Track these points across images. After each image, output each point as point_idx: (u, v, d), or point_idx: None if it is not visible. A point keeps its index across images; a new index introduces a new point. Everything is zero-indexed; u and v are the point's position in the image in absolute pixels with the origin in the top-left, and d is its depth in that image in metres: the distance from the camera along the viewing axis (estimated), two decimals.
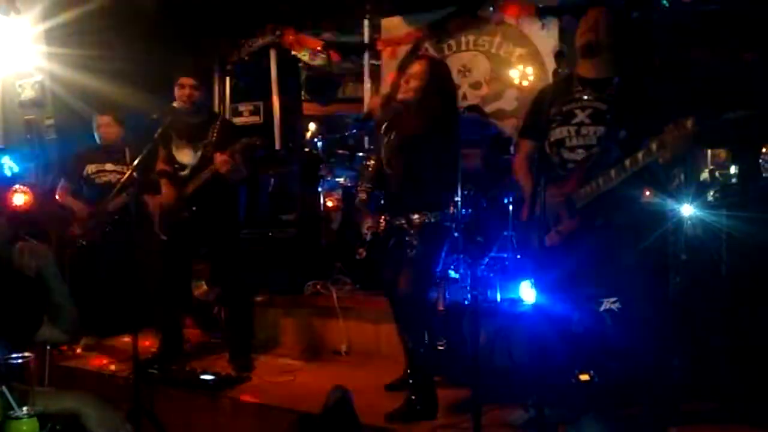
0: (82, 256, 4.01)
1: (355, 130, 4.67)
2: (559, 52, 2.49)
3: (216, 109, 5.70)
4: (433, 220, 2.76)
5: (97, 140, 4.24)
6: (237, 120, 5.72)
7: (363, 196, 3.00)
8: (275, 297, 4.15)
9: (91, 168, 4.15)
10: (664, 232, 3.45)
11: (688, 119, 2.05)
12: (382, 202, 3.00)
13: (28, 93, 4.77)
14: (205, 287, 4.27)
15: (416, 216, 2.75)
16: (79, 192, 4.17)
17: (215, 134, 3.39)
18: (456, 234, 2.87)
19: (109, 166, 4.16)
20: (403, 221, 2.78)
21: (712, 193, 3.63)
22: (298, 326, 3.98)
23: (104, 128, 4.19)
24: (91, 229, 3.99)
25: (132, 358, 2.82)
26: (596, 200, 2.33)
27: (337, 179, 4.72)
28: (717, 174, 3.85)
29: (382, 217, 2.89)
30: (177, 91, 3.36)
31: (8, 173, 4.20)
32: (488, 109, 5.10)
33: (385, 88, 2.79)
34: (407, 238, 2.75)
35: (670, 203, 3.55)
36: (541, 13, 4.88)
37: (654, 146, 2.14)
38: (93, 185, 4.13)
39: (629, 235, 2.38)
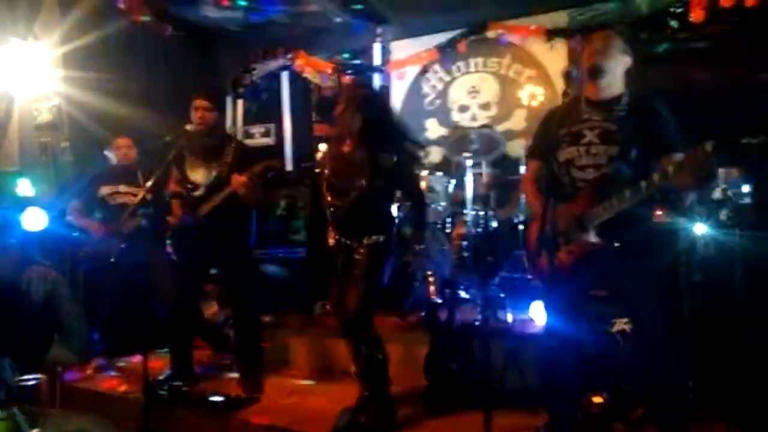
0: (95, 276, 4.04)
1: None
2: (568, 73, 2.50)
3: (229, 130, 5.77)
4: (381, 239, 2.86)
5: (112, 161, 4.29)
6: (249, 141, 5.80)
7: None
8: (285, 317, 4.14)
9: (105, 189, 4.20)
10: (676, 253, 3.43)
11: (707, 143, 2.01)
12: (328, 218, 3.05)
13: (44, 116, 4.86)
14: (215, 308, 4.28)
15: (366, 238, 2.84)
16: (92, 213, 4.21)
17: (231, 156, 3.42)
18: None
19: (122, 188, 4.21)
20: (353, 242, 2.86)
21: (725, 212, 3.60)
22: (308, 346, 3.96)
23: (123, 150, 4.25)
24: (106, 249, 4.03)
25: (142, 378, 2.82)
26: (608, 220, 2.32)
27: None
28: (730, 193, 3.81)
29: (333, 234, 2.96)
30: (192, 113, 3.40)
31: (23, 195, 4.26)
32: (497, 129, 5.12)
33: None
34: (356, 257, 2.83)
35: (683, 223, 3.53)
36: (550, 35, 4.92)
37: (671, 169, 2.11)
38: (107, 206, 4.17)
39: (641, 256, 2.36)
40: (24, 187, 4.19)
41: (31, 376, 1.56)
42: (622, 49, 2.41)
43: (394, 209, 2.97)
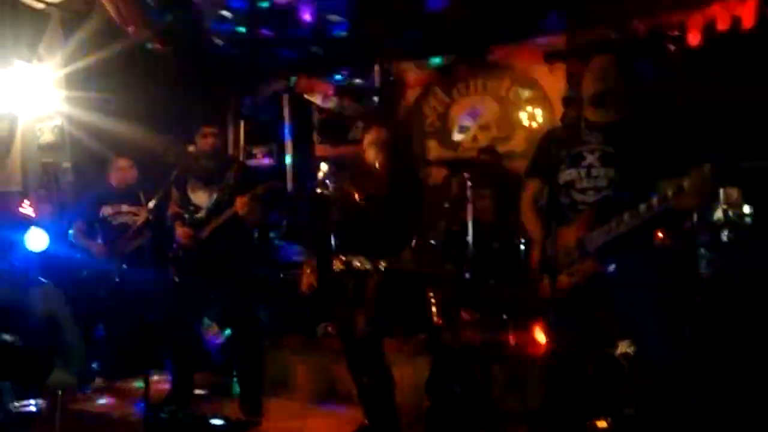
0: (96, 297, 4.03)
1: None
2: (567, 97, 2.52)
3: (230, 151, 5.80)
4: (400, 266, 2.88)
5: (113, 182, 4.31)
6: (251, 162, 5.82)
7: None
8: (286, 338, 4.12)
9: (107, 210, 4.22)
10: (678, 274, 3.43)
11: (705, 166, 2.03)
12: (335, 242, 3.07)
13: (47, 136, 4.88)
14: (216, 329, 4.26)
15: (384, 261, 2.85)
16: (94, 233, 4.22)
17: (233, 178, 3.44)
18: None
19: (124, 208, 4.23)
20: (367, 264, 2.87)
21: (726, 232, 3.61)
22: (310, 368, 3.93)
23: (123, 171, 4.27)
24: (107, 270, 4.02)
25: (142, 401, 2.80)
26: (608, 243, 2.32)
27: None
28: (730, 213, 3.82)
29: (340, 259, 2.96)
30: (200, 140, 3.43)
31: (26, 216, 4.26)
32: (498, 150, 5.16)
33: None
34: (370, 281, 2.84)
35: (684, 244, 3.54)
36: (548, 58, 4.97)
37: (670, 192, 2.13)
38: (109, 227, 4.18)
39: (642, 278, 2.36)
40: (26, 208, 4.20)
41: (31, 401, 1.55)
42: (623, 73, 2.42)
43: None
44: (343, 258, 2.96)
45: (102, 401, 3.75)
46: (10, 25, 4.48)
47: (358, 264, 2.90)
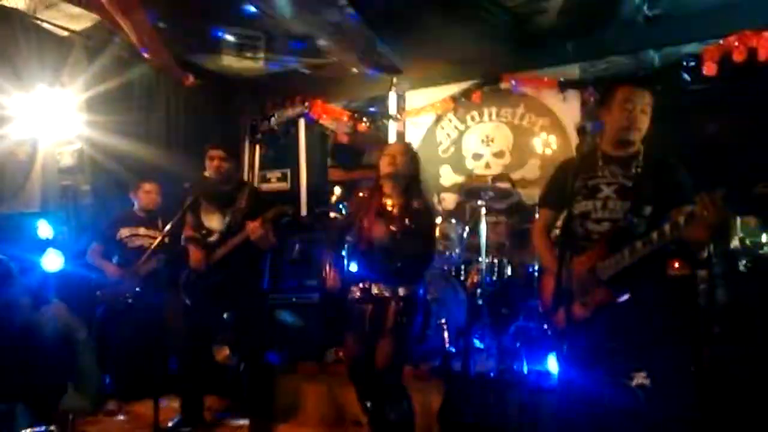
0: (109, 318, 4.05)
1: None
2: (582, 127, 2.52)
3: (246, 176, 5.86)
4: (416, 289, 2.91)
5: (135, 204, 4.37)
6: (265, 186, 5.88)
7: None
8: (297, 363, 4.10)
9: (124, 231, 4.26)
10: (694, 304, 3.38)
11: (717, 193, 2.03)
12: (356, 269, 3.08)
13: (67, 160, 4.96)
14: (227, 352, 4.26)
15: (402, 288, 2.86)
16: (110, 255, 4.26)
17: (244, 202, 3.47)
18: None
19: (142, 231, 4.27)
20: (386, 291, 2.86)
21: (743, 262, 3.56)
22: (320, 394, 3.90)
23: (149, 194, 4.33)
24: (122, 291, 4.05)
25: (153, 424, 2.79)
26: (622, 272, 2.30)
27: None
28: (748, 242, 3.77)
29: (359, 287, 2.95)
30: (207, 163, 3.48)
31: (43, 237, 4.32)
32: (511, 177, 5.16)
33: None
34: (391, 309, 2.83)
35: (700, 274, 3.49)
36: (562, 86, 5.00)
37: (681, 220, 2.12)
38: (125, 249, 4.22)
39: (658, 308, 2.34)
40: (44, 229, 4.26)
41: (42, 427, 1.55)
42: (650, 105, 2.41)
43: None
44: (363, 285, 2.95)
45: (112, 424, 3.74)
46: (35, 51, 4.60)
47: (377, 291, 2.89)
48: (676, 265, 3.09)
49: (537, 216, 2.75)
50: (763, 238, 3.76)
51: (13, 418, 1.92)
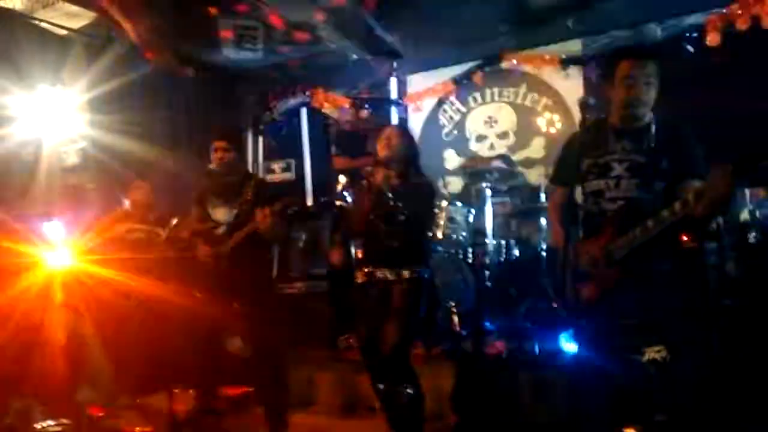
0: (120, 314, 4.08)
1: None
2: (584, 102, 2.47)
3: (249, 167, 5.86)
4: (422, 270, 2.90)
5: (130, 203, 4.39)
6: (270, 177, 5.88)
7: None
8: (309, 352, 4.12)
9: (120, 228, 4.28)
10: (705, 278, 3.36)
11: (726, 167, 1.99)
12: (360, 255, 3.09)
13: (71, 159, 4.99)
14: (239, 343, 4.28)
15: (407, 270, 2.86)
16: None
17: (251, 193, 3.47)
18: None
19: (137, 225, 4.30)
20: (390, 275, 2.86)
21: (753, 234, 3.53)
22: (333, 382, 3.93)
23: (140, 193, 4.36)
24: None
25: (168, 416, 2.81)
26: (635, 250, 2.28)
27: None
28: (757, 214, 3.73)
29: (364, 270, 2.96)
30: (212, 155, 3.49)
31: (50, 236, 4.34)
32: (516, 157, 5.13)
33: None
34: (395, 290, 2.85)
35: (710, 247, 3.46)
36: (564, 63, 4.95)
37: (691, 197, 2.09)
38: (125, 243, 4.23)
39: (670, 283, 2.33)
40: (51, 229, 4.28)
41: (55, 421, 1.56)
42: (655, 76, 2.36)
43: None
44: (366, 270, 2.96)
45: (127, 418, 3.77)
46: (36, 50, 4.60)
47: (381, 275, 2.90)
48: (684, 238, 3.06)
49: (550, 195, 2.73)
50: None
51: (27, 412, 1.95)
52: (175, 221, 3.45)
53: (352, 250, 3.27)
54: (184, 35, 5.01)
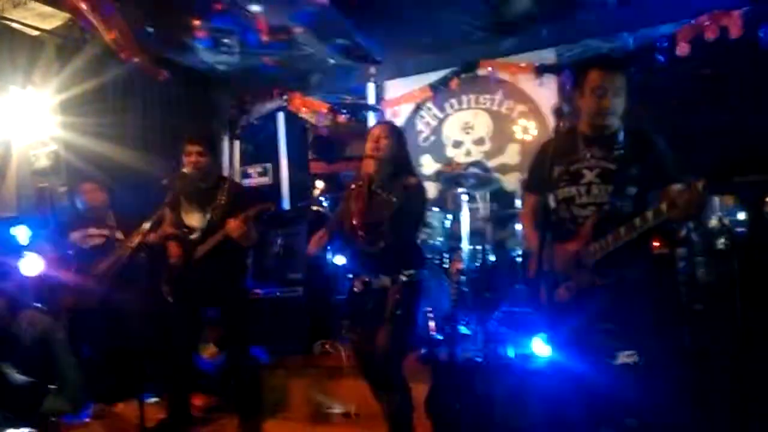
0: (82, 322, 3.98)
1: None
2: (558, 109, 2.51)
3: (226, 171, 5.81)
4: (416, 274, 2.86)
5: (80, 206, 4.31)
6: (246, 182, 5.83)
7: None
8: (283, 358, 4.08)
9: (76, 235, 4.19)
10: (675, 283, 3.42)
11: (699, 181, 2.03)
12: (352, 262, 3.04)
13: (42, 162, 4.88)
14: (213, 350, 4.22)
15: (403, 275, 2.81)
16: (67, 261, 4.14)
17: (224, 198, 3.43)
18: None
19: (92, 230, 4.21)
20: (387, 281, 2.82)
21: (722, 240, 3.60)
22: (307, 388, 3.89)
23: (90, 194, 4.28)
24: (87, 296, 3.98)
25: (138, 426, 2.76)
26: (607, 256, 2.31)
27: None
28: (726, 221, 3.82)
29: (361, 279, 2.91)
30: (184, 158, 3.43)
31: (20, 241, 4.24)
32: (492, 163, 5.18)
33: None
34: (391, 296, 2.79)
35: (680, 253, 3.53)
36: (539, 71, 5.02)
37: (664, 206, 2.13)
38: (81, 251, 4.13)
39: (641, 289, 2.36)
40: (21, 233, 4.18)
41: (24, 430, 1.52)
42: (624, 86, 2.40)
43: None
44: (364, 279, 2.91)
45: (98, 426, 3.69)
46: (6, 51, 4.50)
47: (378, 285, 2.85)
48: (656, 243, 3.12)
49: (523, 201, 2.75)
50: (741, 216, 3.82)
51: None
52: (147, 225, 3.39)
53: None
54: (158, 36, 4.96)
